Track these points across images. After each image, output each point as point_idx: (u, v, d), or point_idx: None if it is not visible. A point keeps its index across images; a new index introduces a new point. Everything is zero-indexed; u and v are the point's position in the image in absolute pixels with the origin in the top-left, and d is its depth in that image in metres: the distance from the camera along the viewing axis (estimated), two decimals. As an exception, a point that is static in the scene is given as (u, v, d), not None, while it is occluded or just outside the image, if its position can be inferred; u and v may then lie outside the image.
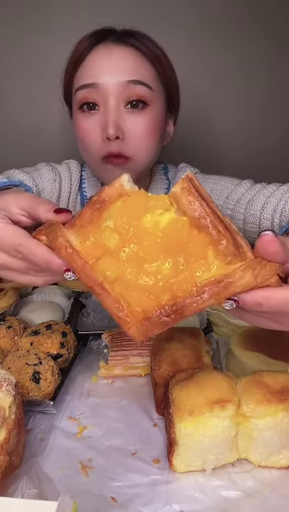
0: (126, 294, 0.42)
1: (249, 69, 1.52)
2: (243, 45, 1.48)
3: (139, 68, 0.84)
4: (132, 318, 0.41)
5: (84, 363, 0.73)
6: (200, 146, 1.56)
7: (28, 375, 0.60)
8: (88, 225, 0.43)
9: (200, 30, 1.46)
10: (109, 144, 0.82)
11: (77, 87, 0.86)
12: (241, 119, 1.58)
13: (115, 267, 0.42)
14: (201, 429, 0.48)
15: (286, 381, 0.51)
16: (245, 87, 1.54)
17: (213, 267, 0.40)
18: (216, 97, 1.55)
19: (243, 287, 0.38)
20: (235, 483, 0.50)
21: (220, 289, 0.38)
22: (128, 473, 0.51)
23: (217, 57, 1.49)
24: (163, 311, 0.40)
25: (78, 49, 0.86)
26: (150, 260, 0.41)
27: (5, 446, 0.45)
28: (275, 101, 1.57)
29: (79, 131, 0.87)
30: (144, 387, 0.67)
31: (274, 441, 0.50)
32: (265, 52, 1.50)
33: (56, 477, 0.50)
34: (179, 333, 0.64)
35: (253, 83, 1.54)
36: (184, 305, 0.39)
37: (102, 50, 0.84)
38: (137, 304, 0.41)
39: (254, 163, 1.58)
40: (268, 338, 0.70)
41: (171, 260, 0.41)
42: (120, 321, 0.42)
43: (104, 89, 0.82)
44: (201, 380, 0.51)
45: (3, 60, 1.46)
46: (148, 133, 0.85)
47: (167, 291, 0.41)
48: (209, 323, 0.82)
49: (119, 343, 0.70)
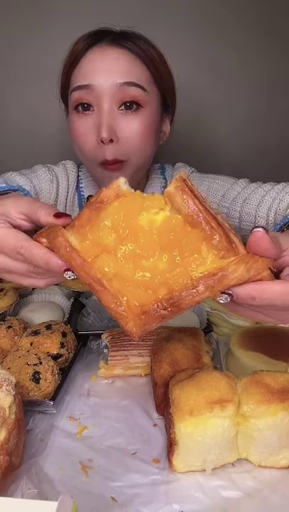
0: (124, 290, 0.43)
1: (249, 68, 1.52)
2: (244, 43, 1.48)
3: (133, 70, 0.84)
4: (130, 313, 0.42)
5: (84, 363, 0.73)
6: (198, 145, 1.56)
7: (28, 375, 0.60)
8: (87, 225, 0.44)
9: (200, 30, 1.46)
10: (103, 148, 0.83)
11: (72, 88, 0.86)
12: (241, 119, 1.58)
13: (113, 264, 0.43)
14: (201, 429, 0.48)
15: (286, 381, 0.51)
16: (245, 86, 1.54)
17: (208, 261, 0.41)
18: (215, 97, 1.55)
19: (237, 280, 0.39)
20: (235, 483, 0.50)
21: (214, 281, 0.40)
22: (128, 473, 0.51)
23: (217, 56, 1.49)
24: (160, 304, 0.41)
25: (74, 50, 0.87)
26: (146, 256, 0.42)
27: (5, 446, 0.46)
28: (275, 101, 1.57)
29: (73, 131, 0.88)
30: (144, 387, 0.67)
31: (274, 441, 0.50)
32: (266, 51, 1.50)
33: (56, 477, 0.50)
34: (179, 333, 0.64)
35: (253, 83, 1.54)
36: (180, 298, 0.41)
37: (96, 52, 0.85)
38: (135, 299, 0.42)
39: (253, 163, 1.58)
40: (268, 338, 0.70)
41: (167, 256, 0.42)
42: (118, 316, 0.43)
43: (98, 90, 0.82)
44: (201, 380, 0.51)
45: (1, 61, 1.46)
46: (142, 135, 0.85)
47: (163, 286, 0.42)
48: (209, 323, 0.82)
49: (119, 343, 0.70)
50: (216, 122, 1.58)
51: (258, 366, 0.61)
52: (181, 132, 1.19)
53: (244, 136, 1.60)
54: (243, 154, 1.61)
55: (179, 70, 0.95)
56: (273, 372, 0.53)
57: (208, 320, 0.82)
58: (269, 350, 0.65)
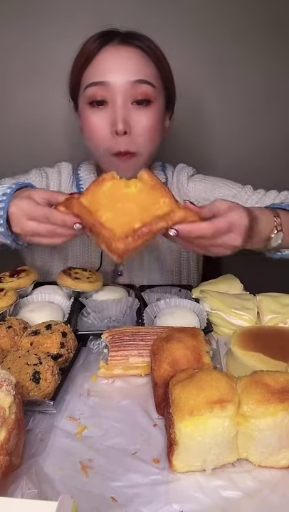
0: (114, 227, 0.66)
1: (251, 68, 1.52)
2: (246, 43, 1.49)
3: (144, 68, 0.91)
4: (116, 237, 0.65)
5: (84, 363, 0.73)
6: (198, 147, 1.56)
7: (28, 375, 0.60)
8: (91, 193, 0.70)
9: (200, 33, 1.46)
10: (117, 139, 0.91)
11: (86, 85, 0.92)
12: (240, 121, 1.58)
13: (106, 214, 0.67)
14: (201, 429, 0.48)
15: (286, 381, 0.51)
16: (245, 89, 1.54)
17: (164, 208, 0.67)
18: (215, 99, 1.55)
19: (179, 218, 0.66)
20: (235, 483, 0.50)
21: (167, 217, 0.66)
22: (128, 473, 0.51)
23: (217, 59, 1.50)
24: (138, 229, 0.65)
25: (86, 49, 0.93)
26: (128, 209, 0.67)
27: (5, 446, 0.46)
28: (274, 103, 1.57)
29: (88, 125, 0.94)
30: (144, 387, 0.67)
31: (274, 441, 0.50)
32: (265, 55, 1.51)
33: (56, 477, 0.50)
34: (179, 333, 0.64)
35: (253, 84, 1.54)
36: (150, 225, 0.65)
37: (110, 50, 0.92)
38: (120, 231, 0.65)
39: (252, 166, 1.58)
40: (268, 338, 0.70)
41: (140, 206, 0.67)
42: (108, 240, 0.65)
43: (113, 87, 0.89)
44: (201, 380, 0.51)
45: (4, 59, 1.46)
46: (152, 127, 0.93)
47: (138, 221, 0.65)
48: (209, 323, 0.82)
49: (119, 343, 0.70)
50: (215, 125, 1.58)
51: (258, 366, 0.61)
52: (180, 134, 1.19)
53: (244, 137, 1.60)
54: (243, 155, 1.61)
55: (180, 73, 0.98)
56: (273, 372, 0.53)
57: (208, 320, 0.82)
58: (269, 350, 0.65)
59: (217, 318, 0.83)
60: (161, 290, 0.97)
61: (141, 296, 0.93)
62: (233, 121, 1.58)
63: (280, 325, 0.80)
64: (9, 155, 1.50)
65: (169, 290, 0.97)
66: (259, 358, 0.63)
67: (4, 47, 1.44)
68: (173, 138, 1.11)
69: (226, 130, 1.59)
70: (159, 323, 0.80)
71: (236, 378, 0.53)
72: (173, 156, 1.18)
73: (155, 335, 0.69)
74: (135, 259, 1.12)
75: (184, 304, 0.87)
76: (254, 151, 1.60)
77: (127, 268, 1.13)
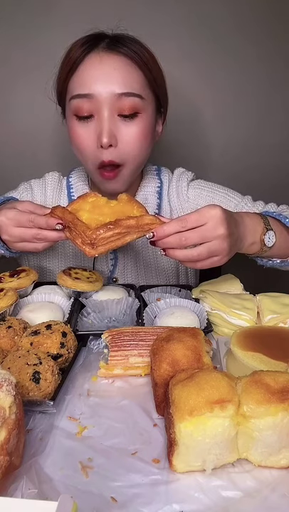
0: (89, 223, 0.76)
1: (248, 73, 1.51)
2: (242, 48, 1.48)
3: (130, 78, 0.87)
4: (89, 229, 0.74)
5: (84, 363, 0.73)
6: (197, 151, 1.56)
7: (28, 375, 0.60)
8: (76, 204, 0.80)
9: (198, 34, 1.46)
10: (102, 151, 0.89)
11: (71, 96, 0.89)
12: (240, 124, 1.58)
13: (86, 215, 0.78)
14: (201, 429, 0.48)
15: (286, 381, 0.51)
16: (244, 91, 1.54)
17: (136, 213, 0.76)
18: (213, 102, 1.55)
19: (149, 220, 0.73)
20: (235, 483, 0.50)
21: (137, 219, 0.73)
22: (128, 473, 0.51)
23: (215, 62, 1.49)
24: (109, 222, 0.74)
25: (71, 57, 0.89)
26: (105, 213, 0.78)
27: (5, 446, 0.46)
28: (273, 106, 1.57)
29: (75, 137, 0.92)
30: (144, 387, 0.67)
31: (274, 441, 0.50)
32: (264, 56, 1.50)
33: (56, 477, 0.50)
34: (179, 333, 0.64)
35: (253, 86, 1.53)
36: (120, 220, 0.73)
37: (93, 60, 0.88)
38: (95, 225, 0.75)
39: (250, 170, 1.58)
40: (268, 338, 0.70)
41: (116, 213, 0.77)
42: (83, 232, 0.74)
43: (98, 100, 0.86)
44: (201, 380, 0.51)
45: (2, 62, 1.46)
46: (140, 139, 0.91)
47: (112, 219, 0.75)
48: (209, 323, 0.82)
49: (119, 343, 0.70)
50: (214, 129, 1.58)
51: (258, 366, 0.61)
52: (178, 138, 1.19)
53: (242, 142, 1.60)
54: (241, 161, 1.61)
55: (177, 76, 0.96)
56: (273, 372, 0.53)
57: (208, 320, 0.82)
58: (269, 350, 0.65)
59: (217, 318, 0.83)
60: (161, 290, 0.97)
61: (141, 296, 0.93)
62: (232, 127, 1.57)
63: (280, 325, 0.80)
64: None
65: (169, 290, 0.97)
66: (259, 358, 0.63)
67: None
68: (170, 144, 1.10)
69: (223, 136, 1.58)
70: (159, 323, 0.80)
71: (236, 378, 0.53)
72: (170, 161, 1.17)
73: (155, 335, 0.69)
74: (130, 266, 1.12)
75: (184, 304, 0.87)
76: (253, 162, 1.60)
77: (121, 274, 1.13)
